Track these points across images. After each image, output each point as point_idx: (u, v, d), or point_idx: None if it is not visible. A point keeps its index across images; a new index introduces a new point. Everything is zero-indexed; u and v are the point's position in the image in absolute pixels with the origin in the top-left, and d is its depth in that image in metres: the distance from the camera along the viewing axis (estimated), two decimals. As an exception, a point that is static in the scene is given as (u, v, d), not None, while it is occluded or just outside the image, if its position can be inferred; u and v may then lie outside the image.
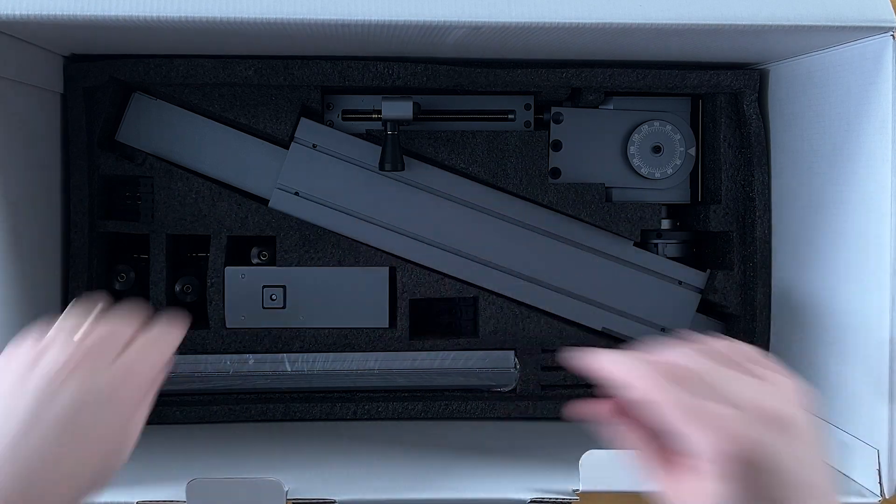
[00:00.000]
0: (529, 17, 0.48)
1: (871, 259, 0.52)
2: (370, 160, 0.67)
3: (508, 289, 0.68)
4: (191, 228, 0.67)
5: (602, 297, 0.69)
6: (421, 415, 0.67)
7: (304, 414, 0.67)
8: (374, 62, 0.65)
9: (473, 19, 0.48)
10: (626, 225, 0.68)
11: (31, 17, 0.46)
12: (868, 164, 0.53)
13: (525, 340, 0.69)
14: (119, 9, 0.46)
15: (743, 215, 0.68)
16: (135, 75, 0.64)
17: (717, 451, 0.37)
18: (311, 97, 0.67)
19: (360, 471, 0.55)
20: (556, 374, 0.70)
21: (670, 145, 0.69)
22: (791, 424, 0.38)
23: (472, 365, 0.69)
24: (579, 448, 0.51)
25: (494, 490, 0.51)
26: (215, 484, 0.47)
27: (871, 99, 0.52)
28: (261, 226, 0.67)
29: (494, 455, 0.59)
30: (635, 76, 0.66)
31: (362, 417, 0.67)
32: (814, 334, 0.60)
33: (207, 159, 0.67)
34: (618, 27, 0.49)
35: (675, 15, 0.49)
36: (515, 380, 0.69)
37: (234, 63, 0.64)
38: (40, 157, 0.60)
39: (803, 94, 0.61)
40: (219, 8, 0.47)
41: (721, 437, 0.37)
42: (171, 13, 0.46)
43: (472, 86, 0.66)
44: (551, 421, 0.68)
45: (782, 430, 0.37)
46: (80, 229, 0.64)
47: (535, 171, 0.68)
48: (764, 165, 0.66)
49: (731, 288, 0.68)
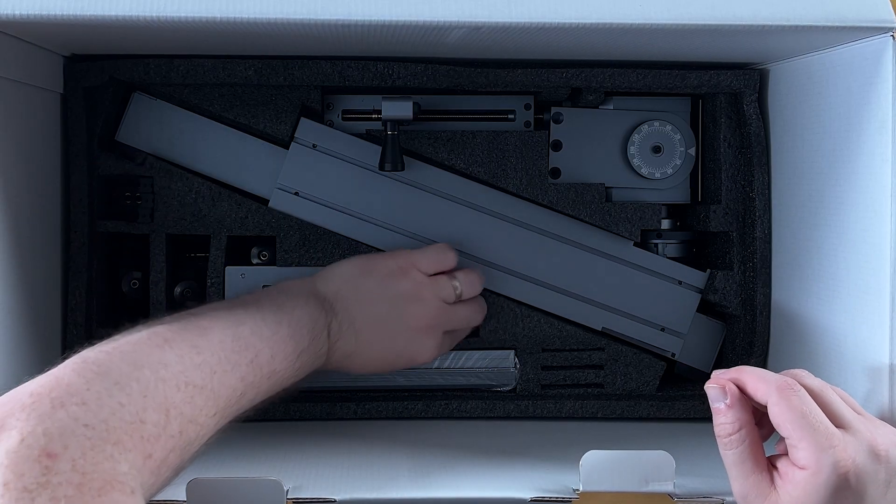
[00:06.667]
0: (529, 17, 0.48)
1: (872, 259, 0.52)
2: (370, 160, 0.67)
3: (508, 288, 0.68)
4: (191, 228, 0.67)
5: (602, 297, 0.69)
6: (421, 414, 0.67)
7: (304, 414, 0.67)
8: (374, 62, 0.65)
9: (473, 19, 0.48)
10: (626, 225, 0.68)
11: (31, 17, 0.46)
12: (868, 164, 0.53)
13: (525, 340, 0.69)
14: (119, 9, 0.46)
15: (743, 215, 0.68)
16: (135, 75, 0.64)
17: (822, 466, 0.42)
18: (311, 97, 0.67)
19: (360, 471, 0.55)
20: (556, 374, 0.70)
21: (670, 145, 0.69)
22: (894, 469, 0.44)
23: (472, 364, 0.69)
24: (579, 448, 0.50)
25: (494, 490, 0.51)
26: (215, 484, 0.47)
27: (871, 99, 0.52)
28: (261, 226, 0.67)
29: (494, 455, 0.59)
30: (635, 76, 0.66)
31: (362, 417, 0.67)
32: (814, 334, 0.60)
33: (207, 159, 0.67)
34: (618, 27, 0.49)
35: (675, 15, 0.49)
36: (515, 379, 0.69)
37: (234, 63, 0.64)
38: (40, 157, 0.60)
39: (803, 94, 0.61)
40: (219, 8, 0.47)
41: (830, 455, 0.42)
42: (171, 13, 0.46)
43: (472, 86, 0.66)
44: (551, 421, 0.68)
45: (887, 470, 0.43)
46: (80, 229, 0.64)
47: (535, 171, 0.68)
48: (764, 165, 0.66)
49: (731, 288, 0.68)
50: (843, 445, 0.42)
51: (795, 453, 0.43)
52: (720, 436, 0.46)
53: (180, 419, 0.42)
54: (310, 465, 0.55)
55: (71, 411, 0.36)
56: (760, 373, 0.46)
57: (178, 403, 0.42)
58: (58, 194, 0.63)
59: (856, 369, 0.54)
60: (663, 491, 0.50)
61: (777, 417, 0.44)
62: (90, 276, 0.64)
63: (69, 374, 0.38)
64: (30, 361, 0.56)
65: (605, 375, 0.70)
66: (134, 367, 0.41)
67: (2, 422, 0.36)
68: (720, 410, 0.46)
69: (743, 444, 0.45)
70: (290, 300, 0.55)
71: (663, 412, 0.68)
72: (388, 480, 0.53)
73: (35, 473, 0.34)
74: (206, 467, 0.46)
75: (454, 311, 0.64)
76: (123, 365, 0.40)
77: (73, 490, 0.34)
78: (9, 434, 0.35)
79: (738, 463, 0.45)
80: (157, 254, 0.66)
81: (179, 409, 0.42)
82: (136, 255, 0.68)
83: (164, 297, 0.66)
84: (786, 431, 0.44)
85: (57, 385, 0.37)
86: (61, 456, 0.35)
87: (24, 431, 0.35)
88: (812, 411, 0.43)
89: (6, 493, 0.33)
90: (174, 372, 0.43)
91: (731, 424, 0.45)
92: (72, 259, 0.64)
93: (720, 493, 0.50)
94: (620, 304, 0.69)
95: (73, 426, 0.36)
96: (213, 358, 0.46)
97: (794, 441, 0.43)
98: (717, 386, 0.46)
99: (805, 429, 0.43)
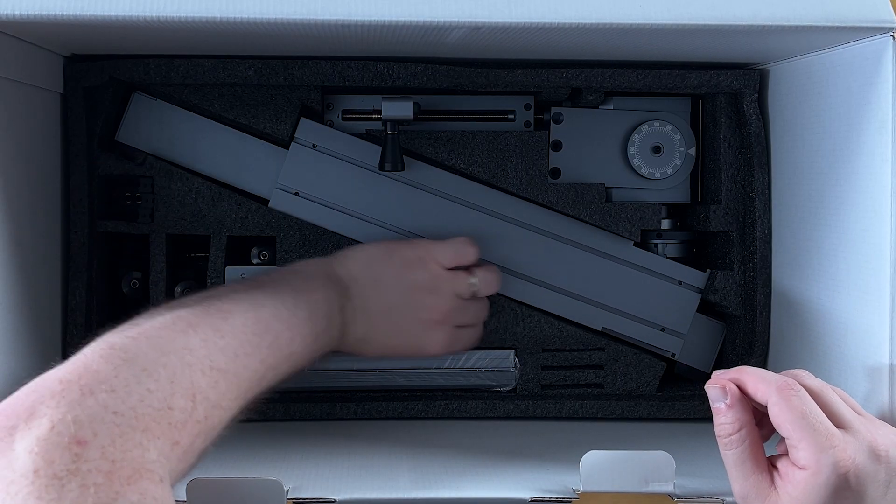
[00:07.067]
0: (529, 17, 0.48)
1: (872, 259, 0.52)
2: (370, 160, 0.67)
3: (509, 288, 0.68)
4: (191, 228, 0.67)
5: (602, 297, 0.69)
6: (421, 414, 0.67)
7: (304, 414, 0.67)
8: (374, 62, 0.65)
9: (473, 19, 0.48)
10: (626, 225, 0.68)
11: (31, 17, 0.46)
12: (868, 164, 0.53)
13: (525, 340, 0.69)
14: (119, 9, 0.46)
15: (743, 215, 0.68)
16: (135, 75, 0.64)
17: (822, 466, 0.42)
18: (311, 97, 0.67)
19: (360, 471, 0.55)
20: (556, 374, 0.70)
21: (670, 145, 0.69)
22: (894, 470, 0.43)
23: (472, 364, 0.69)
24: (579, 448, 0.50)
25: (494, 490, 0.51)
26: (215, 484, 0.47)
27: (871, 99, 0.52)
28: (261, 226, 0.67)
29: (494, 455, 0.59)
30: (635, 76, 0.66)
31: (362, 417, 0.67)
32: (814, 334, 0.60)
33: (207, 159, 0.67)
34: (618, 27, 0.49)
35: (675, 15, 0.49)
36: (515, 379, 0.69)
37: (234, 63, 0.64)
38: (40, 157, 0.60)
39: (803, 94, 0.61)
40: (219, 8, 0.47)
41: (830, 455, 0.42)
42: (171, 13, 0.46)
43: (472, 86, 0.66)
44: (551, 421, 0.68)
45: (887, 471, 0.43)
46: (80, 229, 0.64)
47: (535, 171, 0.68)
48: (764, 165, 0.66)
49: (731, 288, 0.68)
50: (843, 446, 0.42)
51: (795, 453, 0.43)
52: (720, 436, 0.46)
53: (205, 404, 0.42)
54: (310, 465, 0.55)
55: (100, 398, 0.36)
56: (760, 373, 0.46)
57: (204, 388, 0.42)
58: (58, 194, 0.63)
59: (856, 369, 0.54)
60: (663, 491, 0.50)
61: (777, 418, 0.44)
62: (90, 276, 0.64)
63: (97, 361, 0.38)
64: (30, 361, 0.56)
65: (605, 375, 0.70)
66: (161, 353, 0.41)
67: (32, 409, 0.36)
68: (720, 410, 0.46)
69: (743, 444, 0.45)
70: (307, 282, 0.56)
71: (663, 412, 0.68)
72: (388, 480, 0.53)
73: (65, 461, 0.34)
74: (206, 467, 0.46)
75: (467, 306, 0.64)
76: (150, 351, 0.41)
77: (102, 478, 0.34)
78: (39, 421, 0.35)
79: (739, 463, 0.45)
80: (157, 254, 0.66)
81: (205, 393, 0.42)
82: (136, 255, 0.68)
83: (164, 297, 0.66)
84: (786, 432, 0.44)
85: (86, 372, 0.38)
86: (91, 443, 0.35)
87: (54, 419, 0.35)
88: (812, 412, 0.43)
89: (36, 479, 0.33)
90: (199, 356, 0.43)
91: (731, 425, 0.45)
92: (72, 259, 0.63)
93: (720, 493, 0.50)
94: (620, 304, 0.69)
95: (102, 413, 0.36)
96: (235, 341, 0.46)
97: (794, 441, 0.43)
98: (717, 386, 0.47)
99: (805, 429, 0.43)
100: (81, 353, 0.40)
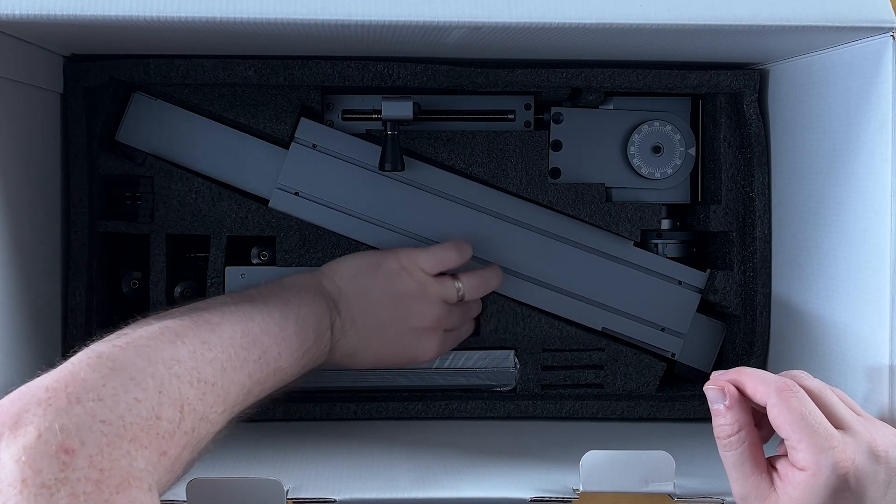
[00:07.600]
0: (529, 17, 0.48)
1: (871, 260, 0.52)
2: (370, 160, 0.67)
3: (508, 288, 0.68)
4: (191, 228, 0.67)
5: (602, 297, 0.69)
6: (421, 414, 0.67)
7: (304, 414, 0.67)
8: (374, 62, 0.65)
9: (473, 19, 0.48)
10: (626, 225, 0.68)
11: (31, 17, 0.46)
12: (868, 164, 0.53)
13: (525, 340, 0.69)
14: (119, 9, 0.46)
15: (743, 215, 0.68)
16: (135, 75, 0.64)
17: (822, 467, 0.42)
18: (311, 97, 0.67)
19: (360, 471, 0.55)
20: (556, 374, 0.70)
21: (670, 145, 0.69)
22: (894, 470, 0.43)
23: (472, 364, 0.69)
24: (579, 448, 0.50)
25: (494, 490, 0.51)
26: (215, 484, 0.47)
27: (871, 99, 0.52)
28: (261, 226, 0.67)
29: (494, 455, 0.59)
30: (635, 76, 0.66)
31: (362, 417, 0.67)
32: (813, 334, 0.60)
33: (207, 159, 0.67)
34: (618, 27, 0.49)
35: (675, 15, 0.49)
36: (515, 379, 0.69)
37: (234, 63, 0.64)
38: (40, 157, 0.60)
39: (803, 94, 0.61)
40: (219, 8, 0.47)
41: (830, 456, 0.42)
42: (171, 13, 0.46)
43: (472, 86, 0.66)
44: (551, 421, 0.68)
45: (887, 471, 0.43)
46: (80, 229, 0.64)
47: (535, 171, 0.68)
48: (764, 165, 0.66)
49: (731, 288, 0.68)
50: (842, 446, 0.42)
51: (795, 454, 0.43)
52: (719, 437, 0.46)
53: (193, 416, 0.42)
54: (310, 465, 0.55)
55: (87, 407, 0.36)
56: (760, 374, 0.46)
57: (192, 400, 0.42)
58: (58, 194, 0.63)
59: (856, 369, 0.54)
60: (663, 491, 0.50)
61: (776, 419, 0.44)
62: (90, 276, 0.64)
63: (84, 369, 0.38)
64: (30, 361, 0.56)
65: (605, 375, 0.70)
66: (149, 363, 0.40)
67: (18, 417, 0.35)
68: (719, 412, 0.46)
69: (742, 445, 0.45)
70: (296, 297, 0.56)
71: (663, 412, 0.68)
72: (387, 480, 0.53)
73: (53, 469, 0.34)
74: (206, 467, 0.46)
75: (455, 310, 0.64)
76: (138, 360, 0.40)
77: (91, 486, 0.34)
78: (25, 430, 0.35)
79: (738, 464, 0.45)
80: (157, 254, 0.66)
81: (193, 405, 0.42)
82: (136, 255, 0.68)
83: (164, 297, 0.66)
84: (785, 433, 0.44)
85: (73, 380, 0.37)
86: (79, 452, 0.34)
87: (41, 427, 0.35)
88: (811, 413, 0.43)
89: (24, 489, 0.33)
90: (187, 368, 0.42)
91: (730, 426, 0.45)
92: (72, 259, 0.63)
93: (720, 493, 0.50)
94: (620, 304, 0.69)
95: (89, 422, 0.36)
96: (223, 354, 0.46)
97: (794, 442, 0.43)
98: (716, 387, 0.46)
99: (804, 430, 0.43)
100: (68, 362, 0.39)
